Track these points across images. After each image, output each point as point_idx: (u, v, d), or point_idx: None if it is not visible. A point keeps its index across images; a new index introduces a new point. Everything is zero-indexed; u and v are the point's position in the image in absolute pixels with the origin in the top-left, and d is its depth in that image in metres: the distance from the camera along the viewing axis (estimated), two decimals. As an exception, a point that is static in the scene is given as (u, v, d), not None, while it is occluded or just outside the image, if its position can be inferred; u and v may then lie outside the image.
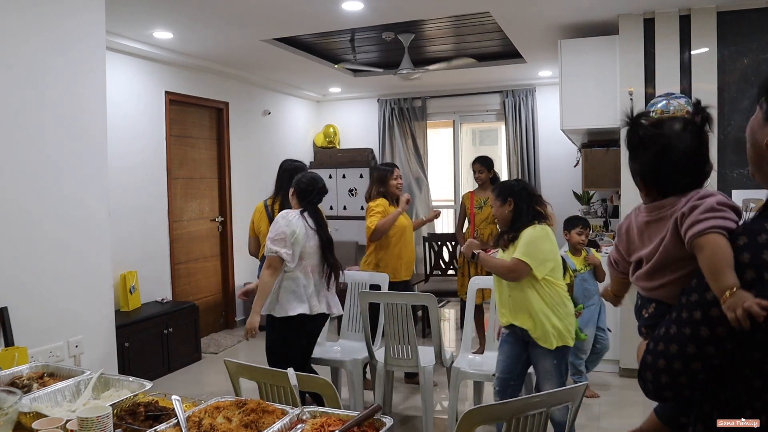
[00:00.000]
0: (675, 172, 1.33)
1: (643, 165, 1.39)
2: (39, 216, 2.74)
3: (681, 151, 1.33)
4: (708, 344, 1.09)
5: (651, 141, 1.37)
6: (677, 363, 1.12)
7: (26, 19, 2.67)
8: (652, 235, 1.33)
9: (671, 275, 1.26)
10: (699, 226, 1.17)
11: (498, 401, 2.70)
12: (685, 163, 1.32)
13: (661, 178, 1.35)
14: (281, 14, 4.02)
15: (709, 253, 1.13)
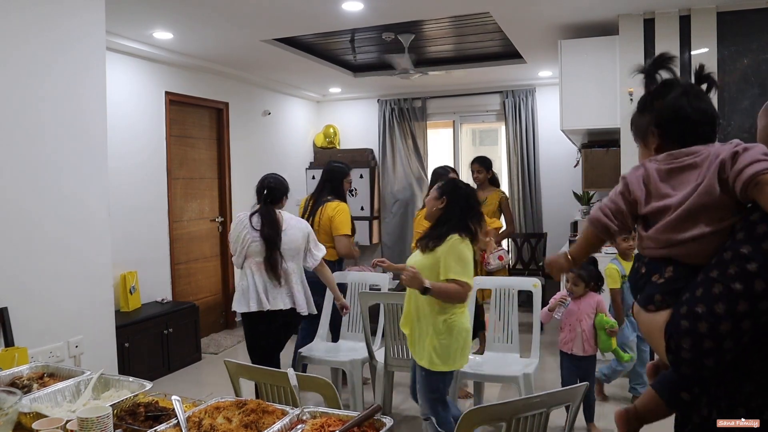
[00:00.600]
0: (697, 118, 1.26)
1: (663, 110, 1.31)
2: (39, 216, 2.74)
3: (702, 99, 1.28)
4: (763, 299, 1.01)
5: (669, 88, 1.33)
6: (725, 324, 1.03)
7: (26, 19, 2.67)
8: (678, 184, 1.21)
9: (704, 227, 1.13)
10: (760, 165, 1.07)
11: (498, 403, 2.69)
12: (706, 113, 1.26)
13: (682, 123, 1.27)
14: (281, 14, 4.02)
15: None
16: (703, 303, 1.05)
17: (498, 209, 4.99)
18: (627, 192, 1.30)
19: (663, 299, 1.16)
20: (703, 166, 1.16)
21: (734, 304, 1.02)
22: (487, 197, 5.00)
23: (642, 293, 1.23)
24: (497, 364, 3.33)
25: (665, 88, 1.33)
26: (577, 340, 3.21)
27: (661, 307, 1.16)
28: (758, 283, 1.01)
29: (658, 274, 1.19)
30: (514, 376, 3.12)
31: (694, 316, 1.06)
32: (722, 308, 1.03)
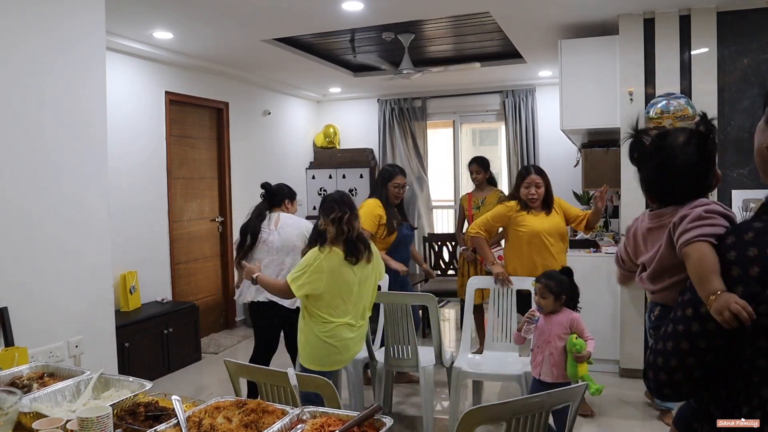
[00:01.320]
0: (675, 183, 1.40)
1: (646, 176, 1.47)
2: (39, 216, 2.74)
3: (682, 163, 1.40)
4: (699, 338, 1.13)
5: (653, 154, 1.46)
6: (673, 360, 1.16)
7: (26, 19, 2.67)
8: (653, 241, 1.41)
9: (669, 279, 1.34)
10: (686, 236, 1.24)
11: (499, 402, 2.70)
12: (686, 175, 1.39)
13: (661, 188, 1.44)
14: (281, 14, 4.02)
15: (694, 261, 1.20)
16: (661, 340, 1.20)
17: (497, 209, 5.00)
18: (625, 244, 1.57)
19: (653, 334, 1.45)
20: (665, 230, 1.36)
21: (678, 343, 1.16)
22: (486, 197, 5.01)
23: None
24: (497, 363, 3.33)
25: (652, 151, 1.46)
26: (545, 364, 2.79)
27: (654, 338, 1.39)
28: (694, 325, 1.14)
29: (651, 312, 1.47)
30: (514, 375, 3.12)
31: (654, 352, 1.22)
32: (670, 346, 1.17)
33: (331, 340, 2.70)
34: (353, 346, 2.78)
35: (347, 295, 2.71)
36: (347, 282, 2.70)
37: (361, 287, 2.76)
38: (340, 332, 2.71)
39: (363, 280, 2.77)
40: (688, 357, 1.14)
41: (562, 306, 2.81)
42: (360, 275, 2.74)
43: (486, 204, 4.99)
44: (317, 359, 2.73)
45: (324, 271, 2.63)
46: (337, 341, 2.71)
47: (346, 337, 2.72)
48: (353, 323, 2.75)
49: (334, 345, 2.71)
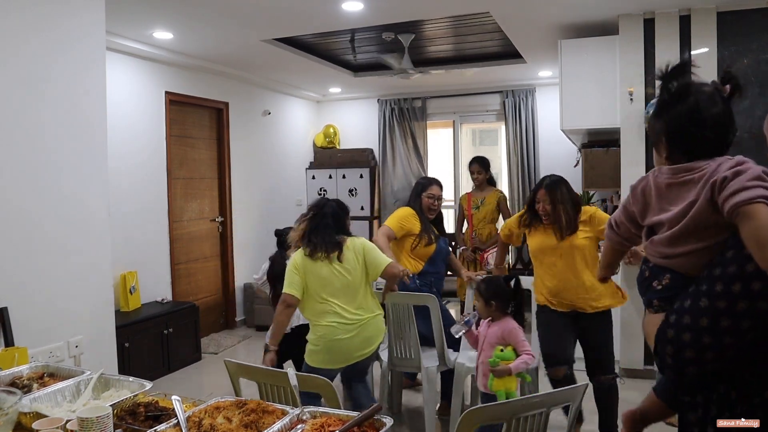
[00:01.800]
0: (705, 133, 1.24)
1: (671, 122, 1.29)
2: (39, 216, 2.74)
3: (713, 113, 1.24)
4: (744, 318, 1.05)
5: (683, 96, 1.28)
6: (707, 337, 1.08)
7: (26, 20, 2.67)
8: (675, 198, 1.24)
9: (696, 244, 1.18)
10: (746, 194, 1.08)
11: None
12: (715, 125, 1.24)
13: (688, 137, 1.26)
14: (281, 14, 4.02)
15: (758, 223, 1.05)
16: (689, 314, 1.11)
17: (496, 209, 5.01)
18: (629, 204, 1.36)
19: (659, 304, 1.25)
20: (698, 184, 1.19)
21: (717, 320, 1.07)
22: (486, 197, 5.01)
23: (645, 295, 1.31)
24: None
25: (678, 97, 1.29)
26: (479, 372, 2.68)
27: (658, 311, 1.24)
28: (741, 304, 1.05)
29: (657, 280, 1.26)
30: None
31: (679, 326, 1.12)
32: (706, 322, 1.08)
33: (321, 341, 2.74)
34: (350, 344, 2.74)
35: (330, 289, 2.75)
36: (324, 277, 2.75)
37: (346, 279, 2.77)
38: (330, 333, 2.72)
39: (347, 272, 2.78)
40: (726, 336, 1.07)
41: (500, 313, 2.66)
42: (341, 268, 2.77)
43: (485, 204, 4.99)
44: (317, 358, 2.78)
45: (299, 267, 2.76)
46: (328, 342, 2.73)
47: (339, 338, 2.72)
48: (345, 321, 2.73)
49: (326, 346, 2.74)
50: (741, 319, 1.05)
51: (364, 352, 2.79)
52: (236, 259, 5.91)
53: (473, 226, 5.02)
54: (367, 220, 7.05)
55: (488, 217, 4.98)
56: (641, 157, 4.10)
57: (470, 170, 5.07)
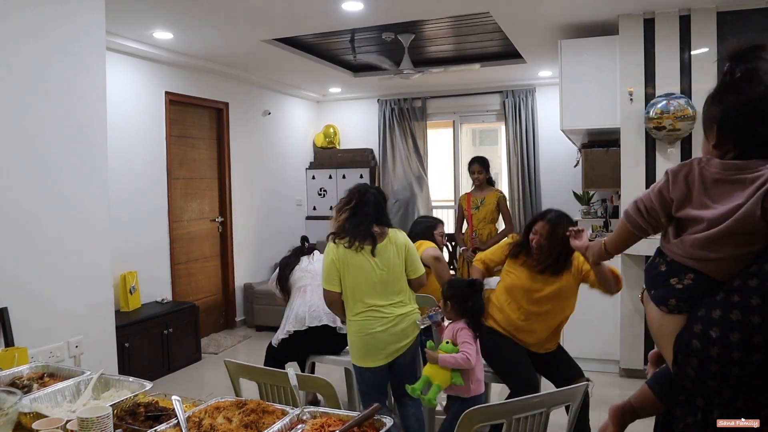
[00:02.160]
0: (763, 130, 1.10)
1: (730, 109, 1.14)
2: (39, 216, 2.74)
3: None
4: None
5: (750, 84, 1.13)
6: (736, 353, 1.01)
7: (26, 20, 2.67)
8: (720, 197, 1.12)
9: (734, 250, 1.08)
10: None
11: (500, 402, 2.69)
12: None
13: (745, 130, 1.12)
14: (281, 14, 4.02)
15: None
16: (718, 327, 1.04)
17: (496, 209, 5.01)
18: (666, 189, 1.21)
19: (677, 305, 1.15)
20: (751, 187, 1.08)
21: (750, 336, 1.00)
22: (486, 197, 5.02)
23: (657, 290, 1.20)
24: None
25: (744, 82, 1.14)
26: None
27: (674, 312, 1.15)
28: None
29: (677, 278, 1.16)
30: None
31: (706, 339, 1.05)
32: (737, 337, 1.01)
33: (357, 336, 2.72)
34: (384, 337, 2.69)
35: (367, 282, 2.69)
36: (362, 269, 2.68)
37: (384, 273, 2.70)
38: (364, 327, 2.69)
39: (386, 266, 2.71)
40: (756, 353, 1.00)
41: (454, 314, 2.66)
42: (379, 261, 2.70)
43: (485, 204, 4.99)
44: (357, 355, 2.75)
45: (336, 261, 2.70)
46: (364, 336, 2.69)
47: (373, 330, 2.68)
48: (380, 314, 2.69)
49: (362, 341, 2.70)
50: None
51: (400, 346, 2.72)
52: (236, 259, 5.91)
53: (473, 227, 5.02)
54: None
55: (488, 218, 4.98)
56: (641, 157, 4.10)
57: (470, 170, 5.07)
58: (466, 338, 2.57)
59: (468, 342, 2.56)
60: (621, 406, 1.34)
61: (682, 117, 3.79)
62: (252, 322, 5.82)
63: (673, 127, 3.82)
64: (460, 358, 2.52)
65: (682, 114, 3.79)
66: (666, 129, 3.84)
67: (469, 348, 2.54)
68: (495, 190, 5.06)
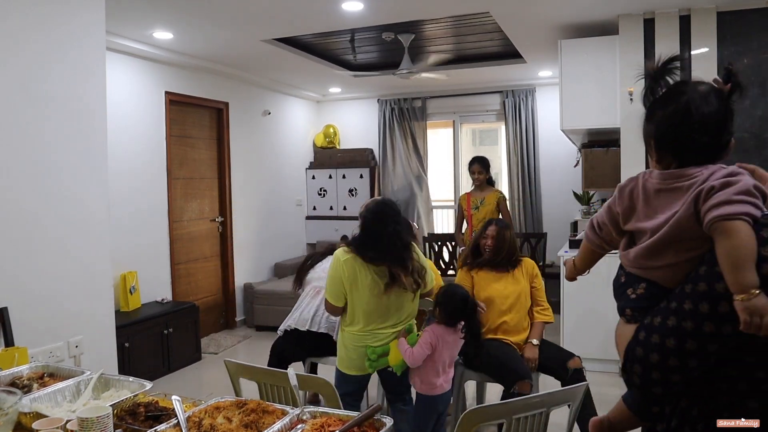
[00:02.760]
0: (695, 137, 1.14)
1: (660, 124, 1.20)
2: (39, 216, 2.74)
3: (705, 114, 1.14)
4: (711, 342, 1.00)
5: (674, 96, 1.19)
6: (673, 359, 1.03)
7: (26, 20, 2.67)
8: (661, 206, 1.15)
9: (676, 257, 1.10)
10: (729, 208, 1.01)
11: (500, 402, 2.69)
12: (708, 129, 1.14)
13: (678, 141, 1.16)
14: (281, 14, 4.02)
15: (735, 242, 0.99)
16: (658, 334, 1.06)
17: (496, 209, 5.01)
18: (614, 204, 1.27)
19: (633, 314, 1.18)
20: (687, 193, 1.11)
21: (683, 342, 1.02)
22: (485, 197, 5.02)
23: (618, 301, 1.24)
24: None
25: (669, 97, 1.21)
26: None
27: (630, 321, 1.18)
28: (707, 326, 1.00)
29: (632, 288, 1.19)
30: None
31: (648, 345, 1.07)
32: (673, 343, 1.03)
33: (351, 345, 2.65)
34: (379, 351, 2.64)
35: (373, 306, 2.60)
36: (372, 293, 2.58)
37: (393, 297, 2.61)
38: (360, 340, 2.63)
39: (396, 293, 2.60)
40: (692, 358, 1.02)
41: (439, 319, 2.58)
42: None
43: (485, 204, 5.00)
44: (344, 363, 2.70)
45: (344, 280, 2.59)
46: (358, 347, 2.64)
47: (368, 344, 2.63)
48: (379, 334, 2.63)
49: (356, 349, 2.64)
50: (707, 342, 1.01)
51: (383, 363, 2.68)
52: (236, 259, 5.91)
53: (473, 227, 5.02)
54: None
55: (488, 218, 4.98)
56: (641, 157, 4.10)
57: (471, 170, 5.07)
58: (425, 340, 2.51)
59: (422, 345, 2.50)
60: (599, 421, 1.35)
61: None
62: (252, 322, 5.82)
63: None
64: (405, 351, 2.52)
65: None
66: (666, 129, 3.85)
67: (419, 349, 2.49)
68: (495, 191, 5.06)
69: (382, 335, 2.64)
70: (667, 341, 1.04)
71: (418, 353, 2.50)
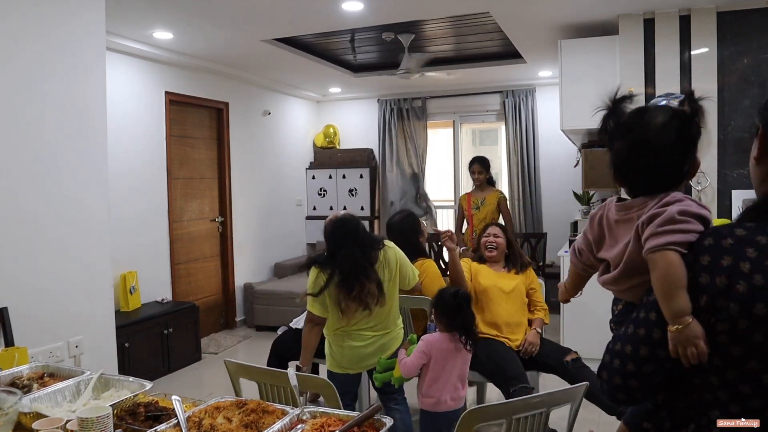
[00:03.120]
0: (648, 170, 1.18)
1: (616, 156, 1.24)
2: (39, 216, 2.74)
3: (658, 146, 1.17)
4: (660, 347, 1.04)
5: (626, 130, 1.22)
6: (630, 364, 1.07)
7: (26, 20, 2.67)
8: (619, 236, 1.22)
9: (639, 279, 1.16)
10: (654, 241, 1.08)
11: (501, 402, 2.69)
12: (661, 161, 1.17)
13: (631, 173, 1.21)
14: (281, 14, 4.02)
15: (660, 272, 1.05)
16: (620, 341, 1.11)
17: (497, 209, 5.01)
18: (587, 231, 1.33)
19: (615, 329, 1.28)
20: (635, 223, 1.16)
21: (637, 348, 1.07)
22: (486, 197, 5.02)
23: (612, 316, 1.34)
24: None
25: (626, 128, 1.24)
26: None
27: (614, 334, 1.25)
28: (656, 332, 1.05)
29: (615, 305, 1.31)
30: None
31: (610, 352, 1.13)
32: (629, 349, 1.08)
33: (336, 345, 2.70)
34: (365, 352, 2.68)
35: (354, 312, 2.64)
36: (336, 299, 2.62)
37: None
38: (345, 340, 2.68)
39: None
40: (647, 364, 1.05)
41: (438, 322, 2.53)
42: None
43: (486, 204, 5.00)
44: (332, 361, 2.73)
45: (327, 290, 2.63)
46: (343, 347, 2.68)
47: (353, 344, 2.67)
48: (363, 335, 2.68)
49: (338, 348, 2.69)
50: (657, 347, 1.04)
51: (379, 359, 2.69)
52: (236, 259, 5.91)
53: (473, 226, 5.02)
54: (368, 220, 7.04)
55: (488, 218, 4.99)
56: (641, 157, 4.10)
57: (471, 170, 5.07)
58: (418, 349, 2.45)
59: (415, 353, 2.44)
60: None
61: (682, 117, 3.79)
62: (252, 322, 5.82)
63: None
64: (401, 361, 2.46)
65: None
66: (666, 129, 3.84)
67: (412, 359, 2.44)
68: (495, 191, 5.06)
69: (365, 336, 2.68)
70: (625, 347, 1.09)
71: (411, 363, 2.43)
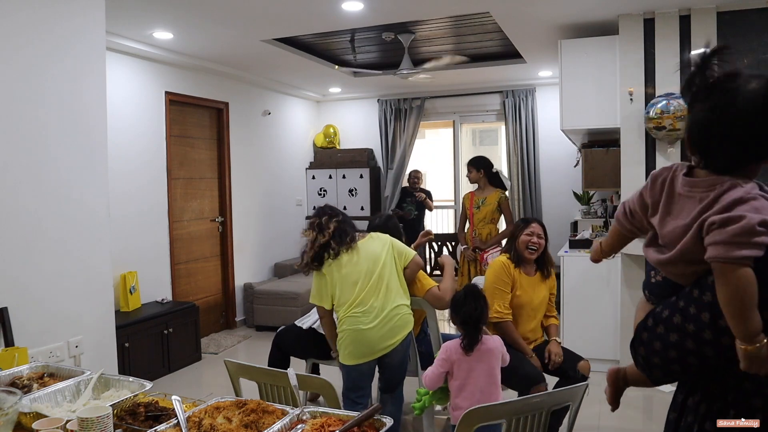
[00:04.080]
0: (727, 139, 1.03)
1: (694, 120, 1.10)
2: (39, 216, 2.74)
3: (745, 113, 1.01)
4: (707, 346, 1.05)
5: (713, 90, 1.06)
6: (673, 352, 1.09)
7: (26, 20, 2.67)
8: (679, 211, 1.11)
9: (696, 267, 1.08)
10: (726, 252, 0.97)
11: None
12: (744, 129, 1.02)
13: (708, 139, 1.07)
14: (281, 14, 4.02)
15: (733, 290, 0.97)
16: (663, 326, 1.11)
17: (497, 209, 5.01)
18: (645, 192, 1.22)
19: (650, 297, 1.25)
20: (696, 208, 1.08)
21: (684, 340, 1.08)
22: (487, 197, 5.02)
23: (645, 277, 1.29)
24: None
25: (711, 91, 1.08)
26: None
27: (649, 301, 1.25)
28: (707, 333, 1.05)
29: (655, 271, 1.23)
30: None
31: (653, 334, 1.13)
32: (674, 338, 1.09)
33: (345, 334, 2.73)
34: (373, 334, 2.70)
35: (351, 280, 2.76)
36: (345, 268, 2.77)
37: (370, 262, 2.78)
38: (352, 323, 2.72)
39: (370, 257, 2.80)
40: (690, 356, 1.07)
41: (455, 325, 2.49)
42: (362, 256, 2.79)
43: (486, 204, 5.00)
44: (344, 353, 2.76)
45: (326, 274, 2.80)
46: (352, 333, 2.71)
47: (361, 327, 2.70)
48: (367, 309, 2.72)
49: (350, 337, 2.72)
50: (705, 346, 1.05)
51: (389, 344, 2.72)
52: (236, 259, 5.91)
53: (473, 225, 5.03)
54: (368, 220, 7.04)
55: (488, 217, 4.99)
56: (641, 157, 4.10)
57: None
58: (438, 357, 2.43)
59: (436, 363, 2.42)
60: (616, 370, 1.42)
61: (682, 117, 3.79)
62: (252, 322, 5.82)
63: (673, 127, 3.82)
64: (424, 376, 2.46)
65: (682, 114, 3.78)
66: (666, 129, 3.84)
67: (432, 368, 2.42)
68: (497, 190, 5.06)
69: (370, 312, 2.71)
70: (671, 335, 1.09)
71: (432, 372, 2.42)
